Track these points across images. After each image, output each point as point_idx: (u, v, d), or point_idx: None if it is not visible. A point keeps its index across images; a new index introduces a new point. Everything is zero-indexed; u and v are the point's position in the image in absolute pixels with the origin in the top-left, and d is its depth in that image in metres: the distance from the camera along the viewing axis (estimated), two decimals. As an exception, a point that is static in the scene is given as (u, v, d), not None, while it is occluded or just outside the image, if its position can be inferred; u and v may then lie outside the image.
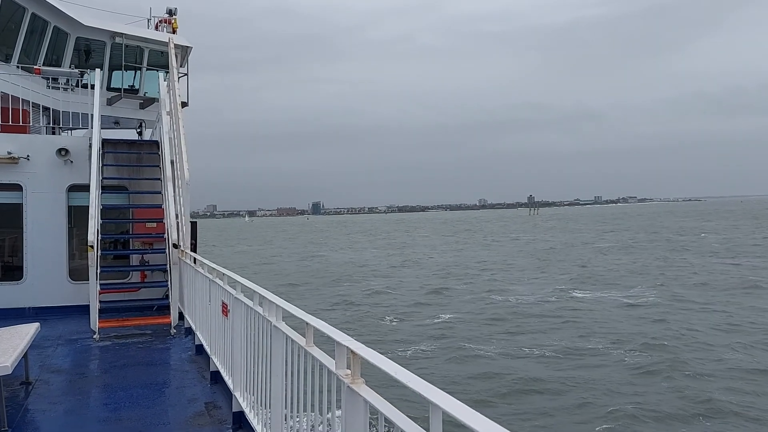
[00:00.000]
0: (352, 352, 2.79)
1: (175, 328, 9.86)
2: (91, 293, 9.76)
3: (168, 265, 10.55)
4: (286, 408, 4.00)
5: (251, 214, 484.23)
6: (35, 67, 13.68)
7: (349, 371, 2.85)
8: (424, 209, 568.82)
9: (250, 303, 4.98)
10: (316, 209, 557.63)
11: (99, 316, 9.63)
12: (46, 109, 14.61)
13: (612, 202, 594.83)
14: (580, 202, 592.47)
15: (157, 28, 17.18)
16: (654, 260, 47.69)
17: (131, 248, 12.46)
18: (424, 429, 2.13)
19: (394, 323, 25.93)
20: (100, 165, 11.24)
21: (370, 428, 2.75)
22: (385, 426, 2.45)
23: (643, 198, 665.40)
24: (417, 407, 3.54)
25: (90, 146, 11.50)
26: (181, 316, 10.06)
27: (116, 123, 17.52)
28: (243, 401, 5.38)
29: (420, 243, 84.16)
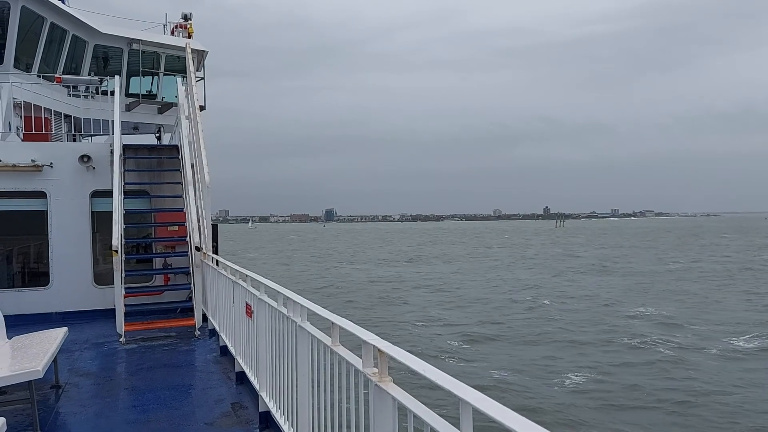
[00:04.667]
0: (379, 350, 2.79)
1: (199, 329, 9.93)
2: (116, 297, 9.88)
3: (191, 268, 10.65)
4: (312, 407, 4.01)
5: (264, 219, 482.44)
6: (56, 75, 13.90)
7: (376, 370, 2.85)
8: (438, 218, 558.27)
9: (274, 304, 5.00)
10: (330, 216, 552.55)
11: (124, 320, 9.77)
12: (67, 116, 14.85)
13: (629, 215, 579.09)
14: (598, 215, 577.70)
15: (173, 33, 17.37)
16: None
17: (154, 252, 12.60)
18: (455, 427, 2.12)
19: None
20: (122, 170, 11.38)
21: (398, 426, 2.75)
22: (414, 424, 2.45)
23: (660, 212, 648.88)
24: (445, 406, 3.53)
25: (111, 152, 11.65)
26: (204, 318, 10.16)
27: (135, 128, 17.76)
28: (269, 401, 5.40)
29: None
